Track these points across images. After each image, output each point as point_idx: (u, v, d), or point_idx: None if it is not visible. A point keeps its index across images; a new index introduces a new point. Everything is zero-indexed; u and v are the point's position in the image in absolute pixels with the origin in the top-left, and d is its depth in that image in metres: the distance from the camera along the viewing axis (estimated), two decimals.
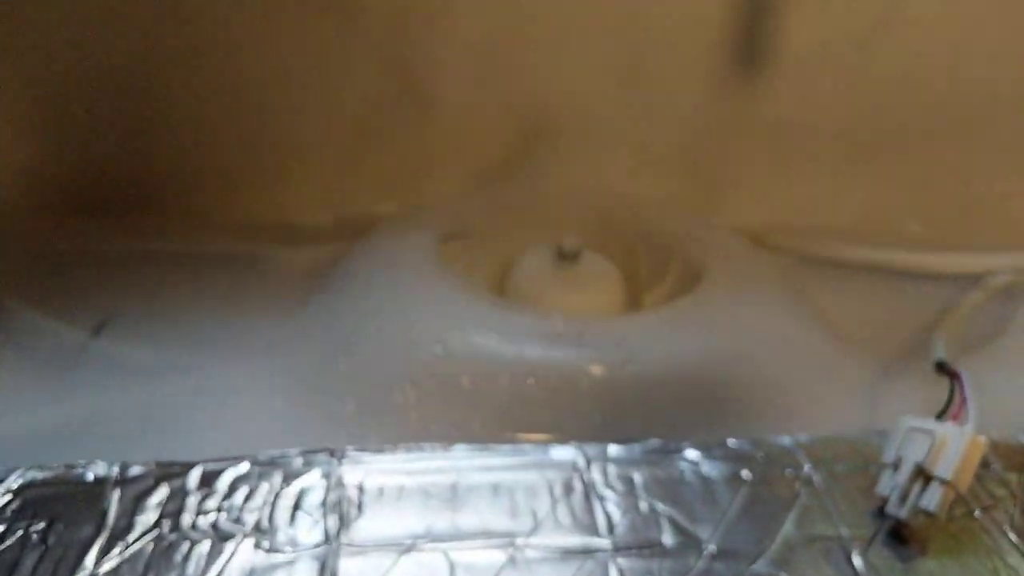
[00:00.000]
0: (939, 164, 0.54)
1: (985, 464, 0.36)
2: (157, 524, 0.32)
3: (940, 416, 0.35)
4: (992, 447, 0.36)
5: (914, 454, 0.33)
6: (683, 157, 0.54)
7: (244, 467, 0.35)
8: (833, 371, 0.41)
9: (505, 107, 0.53)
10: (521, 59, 0.52)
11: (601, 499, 0.34)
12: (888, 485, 0.33)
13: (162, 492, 0.34)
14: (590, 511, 0.33)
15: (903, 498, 0.33)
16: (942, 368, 0.38)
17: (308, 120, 0.53)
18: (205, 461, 0.35)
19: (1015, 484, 0.35)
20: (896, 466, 0.33)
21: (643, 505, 0.33)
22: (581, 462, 0.35)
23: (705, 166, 0.54)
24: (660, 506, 0.33)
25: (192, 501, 0.33)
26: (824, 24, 0.51)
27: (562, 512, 0.33)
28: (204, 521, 0.32)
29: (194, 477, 0.34)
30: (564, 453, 0.35)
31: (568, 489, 0.34)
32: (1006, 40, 0.52)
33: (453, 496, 0.34)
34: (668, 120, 0.53)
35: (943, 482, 0.32)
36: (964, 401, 0.35)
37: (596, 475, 0.35)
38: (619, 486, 0.34)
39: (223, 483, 0.34)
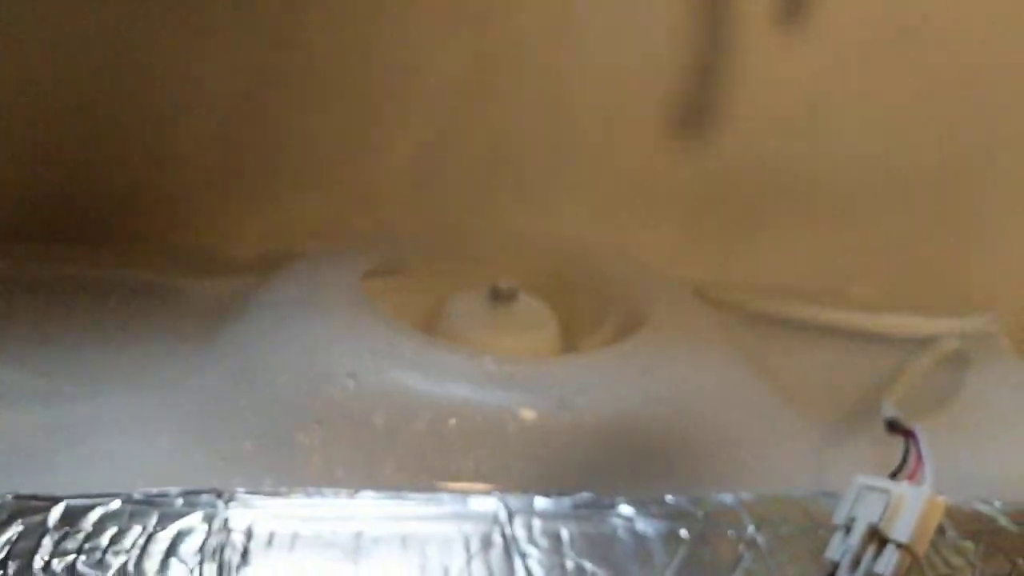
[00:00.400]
0: (886, 228, 0.53)
1: (940, 530, 0.33)
2: (2, 565, 0.28)
3: (895, 475, 0.32)
4: (948, 513, 0.34)
5: (868, 515, 0.30)
6: (627, 208, 0.52)
7: (115, 505, 0.30)
8: (778, 428, 0.38)
9: (457, 149, 0.51)
10: (476, 105, 0.50)
11: (523, 555, 0.30)
12: (839, 549, 0.30)
13: (15, 528, 0.29)
14: (510, 568, 0.29)
15: (855, 563, 0.29)
16: (894, 426, 0.35)
17: (237, 151, 0.50)
18: (70, 497, 0.30)
19: (972, 553, 0.32)
20: (848, 528, 0.30)
21: (569, 563, 0.30)
22: (503, 515, 0.31)
23: (649, 218, 0.52)
24: (588, 565, 0.30)
25: (49, 540, 0.29)
26: (774, 86, 0.50)
27: (478, 569, 0.29)
28: (59, 564, 0.28)
29: (55, 514, 0.30)
30: (484, 504, 0.32)
31: (487, 543, 0.30)
32: (957, 107, 0.52)
33: (356, 547, 0.30)
34: (614, 170, 0.51)
35: (900, 546, 0.29)
36: (920, 459, 0.32)
37: (519, 529, 0.31)
38: (544, 542, 0.31)
39: (88, 522, 0.29)
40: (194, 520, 0.30)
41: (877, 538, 0.30)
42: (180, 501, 0.30)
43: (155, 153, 0.49)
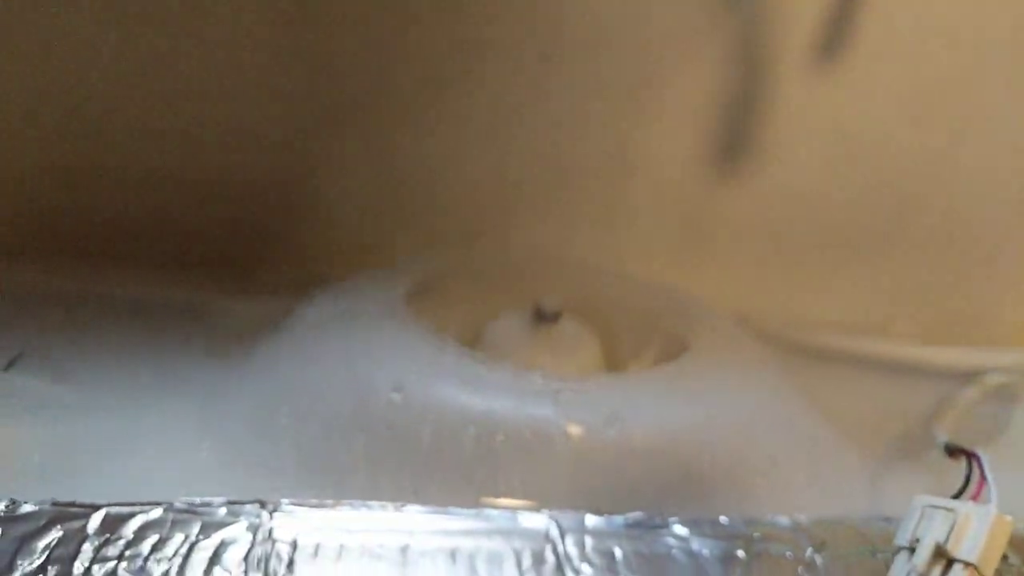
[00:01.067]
0: (926, 265, 0.53)
1: (1003, 556, 0.32)
2: (42, 569, 0.27)
3: (958, 495, 0.31)
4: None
5: (933, 534, 0.29)
6: (669, 238, 0.52)
7: (156, 513, 0.29)
8: (829, 454, 0.37)
9: (490, 175, 0.51)
10: (527, 130, 0.50)
11: (576, 573, 0.29)
12: (903, 570, 0.29)
13: (54, 534, 0.28)
14: None
15: None
16: (952, 450, 0.34)
17: (281, 176, 0.50)
18: (111, 504, 0.29)
19: None
20: (912, 548, 0.29)
21: None
22: (555, 532, 0.30)
23: (691, 249, 0.52)
24: None
25: (89, 547, 0.28)
26: (815, 121, 0.50)
27: None
28: (100, 570, 0.27)
29: (95, 521, 0.29)
30: (535, 521, 0.31)
31: (539, 560, 0.29)
32: (992, 149, 0.52)
33: (403, 560, 0.29)
34: (656, 202, 0.51)
35: (967, 565, 0.28)
36: (984, 479, 0.31)
37: (571, 547, 0.30)
38: (597, 560, 0.30)
39: (129, 529, 0.29)
40: (238, 530, 0.29)
41: (944, 558, 0.29)
42: (223, 511, 0.30)
43: (190, 176, 0.49)
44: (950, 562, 0.28)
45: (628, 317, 0.43)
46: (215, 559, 0.28)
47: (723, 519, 0.32)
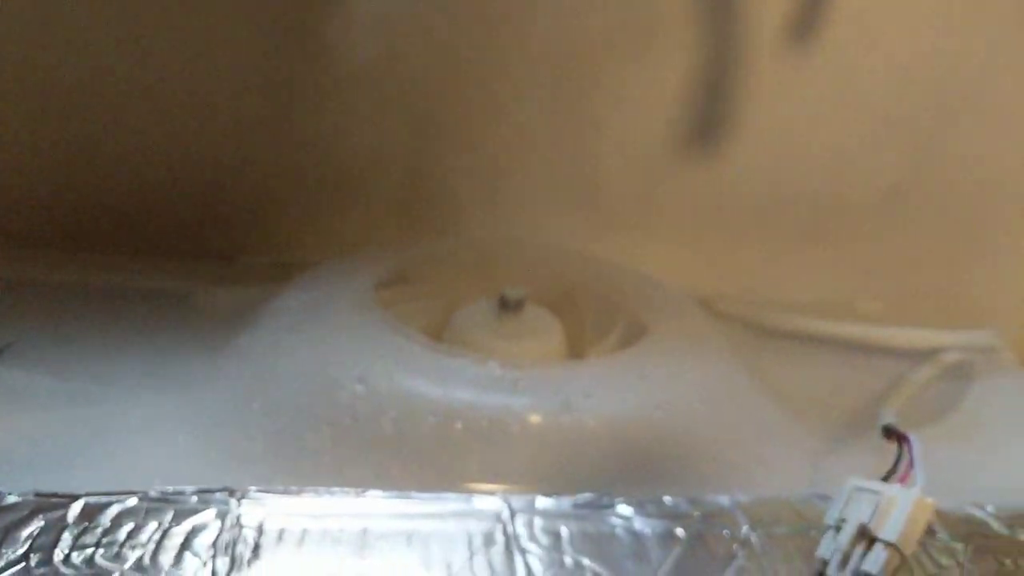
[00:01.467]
0: (894, 244, 0.54)
1: (931, 532, 0.34)
2: (24, 557, 0.29)
3: (887, 478, 0.33)
4: (939, 516, 0.34)
5: (858, 515, 0.31)
6: (636, 219, 0.53)
7: (132, 502, 0.31)
8: (776, 435, 0.39)
9: (462, 160, 0.52)
10: (486, 116, 0.52)
11: (524, 552, 0.31)
12: (829, 548, 0.31)
13: (37, 523, 0.30)
14: (511, 565, 0.30)
15: (844, 561, 0.30)
16: (889, 432, 0.36)
17: (255, 161, 0.52)
18: (89, 494, 0.31)
19: (961, 553, 0.33)
20: (839, 528, 0.31)
21: (568, 560, 0.31)
22: (505, 513, 0.32)
23: (657, 231, 0.53)
24: (586, 561, 0.31)
25: (68, 535, 0.30)
26: (784, 102, 0.51)
27: (479, 565, 0.30)
28: (78, 557, 0.29)
29: (75, 510, 0.31)
30: (488, 503, 0.33)
31: (489, 541, 0.31)
32: (963, 128, 0.53)
33: (362, 543, 0.31)
34: (623, 181, 0.53)
35: (887, 545, 0.30)
36: (911, 463, 0.33)
37: (521, 527, 0.32)
38: (544, 539, 0.32)
39: (106, 518, 0.31)
40: (207, 516, 0.31)
41: (866, 537, 0.30)
42: (194, 499, 0.32)
43: (174, 162, 0.50)
44: (872, 541, 0.30)
45: (593, 301, 0.45)
46: (186, 545, 0.30)
47: (667, 499, 0.34)
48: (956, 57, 0.52)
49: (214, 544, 0.30)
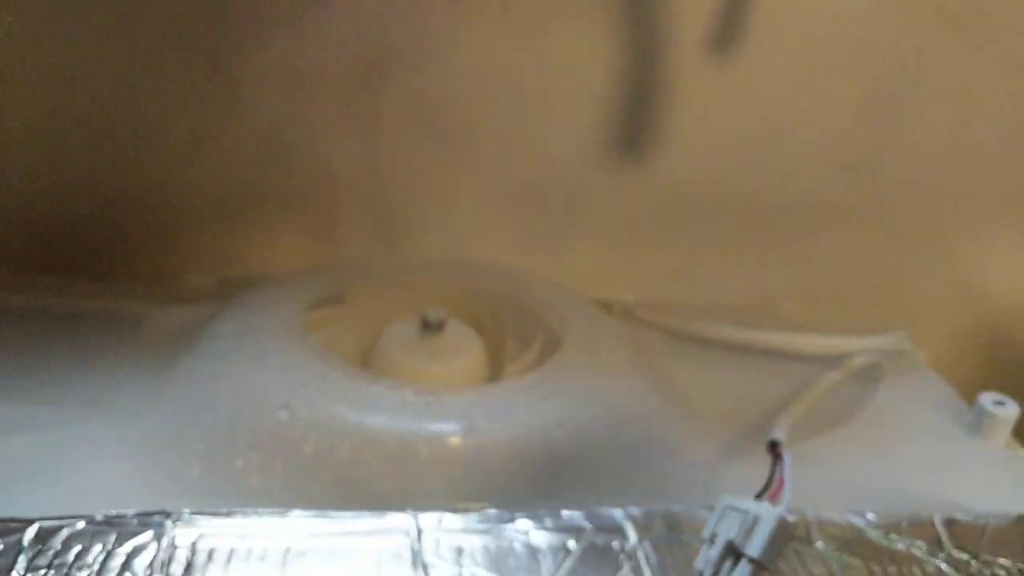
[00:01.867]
0: (818, 248, 0.57)
1: (809, 541, 0.37)
2: None
3: (759, 495, 0.36)
4: (820, 526, 0.38)
5: (728, 531, 0.34)
6: (561, 230, 0.56)
7: (80, 525, 0.35)
8: (677, 447, 0.42)
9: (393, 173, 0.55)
10: (411, 129, 0.54)
11: (425, 567, 0.35)
12: (703, 561, 0.34)
13: None
14: None
15: (715, 575, 0.34)
16: (772, 448, 0.39)
17: (195, 181, 0.54)
18: (42, 519, 0.35)
19: (834, 562, 0.36)
20: (712, 542, 0.35)
21: (466, 574, 0.34)
22: (414, 531, 0.36)
23: (583, 240, 0.56)
24: (482, 574, 0.34)
25: (24, 558, 0.34)
26: (708, 109, 0.53)
27: None
28: None
29: (30, 533, 0.35)
30: (398, 521, 0.36)
31: (397, 557, 0.35)
32: (884, 130, 0.55)
33: (284, 561, 0.35)
34: (544, 192, 0.55)
35: (751, 560, 0.33)
36: (782, 482, 0.36)
37: (427, 544, 0.36)
38: (447, 555, 0.35)
39: (57, 541, 0.35)
40: (146, 538, 0.35)
41: (733, 553, 0.34)
42: (135, 521, 0.35)
43: (117, 183, 0.53)
44: (739, 557, 0.34)
45: (514, 316, 0.48)
46: (127, 565, 0.34)
47: (564, 513, 0.37)
48: (879, 58, 0.54)
49: (151, 564, 0.34)
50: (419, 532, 0.36)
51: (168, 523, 0.35)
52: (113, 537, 0.35)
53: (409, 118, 0.53)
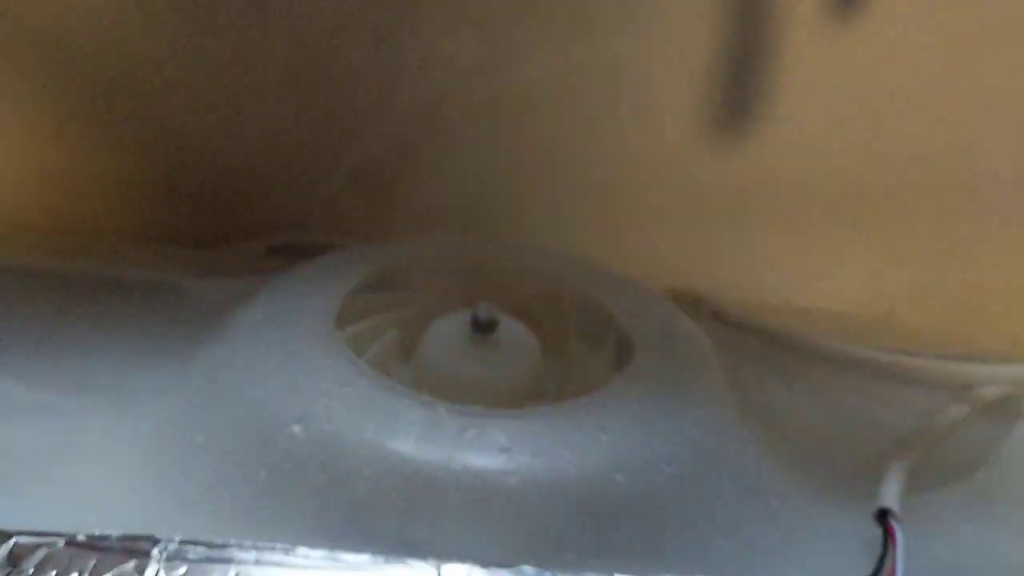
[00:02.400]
0: (944, 249, 0.48)
1: None
2: None
3: None
4: None
5: None
6: (650, 216, 0.49)
7: (59, 545, 0.31)
8: (761, 500, 0.35)
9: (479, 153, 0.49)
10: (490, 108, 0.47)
11: None
12: None
13: None
14: None
15: None
16: (881, 517, 0.32)
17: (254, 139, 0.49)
18: (20, 533, 0.31)
19: None
20: None
21: None
22: None
23: (676, 228, 0.49)
24: None
25: None
26: (822, 85, 0.45)
27: None
28: None
29: (4, 551, 0.31)
30: (417, 571, 0.31)
31: None
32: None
33: None
34: (639, 175, 0.48)
35: None
36: (894, 569, 0.29)
37: None
38: None
39: (32, 563, 0.31)
40: (127, 569, 0.30)
41: None
42: (118, 546, 0.31)
43: (152, 145, 0.48)
44: None
45: (580, 311, 0.41)
46: None
47: None
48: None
49: None
50: None
51: (155, 551, 0.31)
52: (92, 563, 0.31)
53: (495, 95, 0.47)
